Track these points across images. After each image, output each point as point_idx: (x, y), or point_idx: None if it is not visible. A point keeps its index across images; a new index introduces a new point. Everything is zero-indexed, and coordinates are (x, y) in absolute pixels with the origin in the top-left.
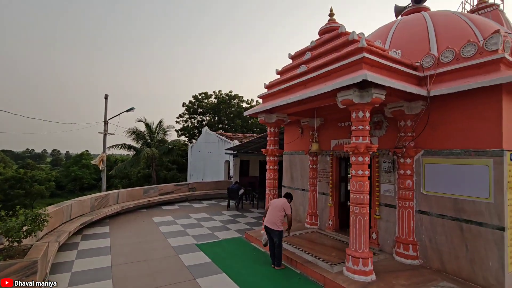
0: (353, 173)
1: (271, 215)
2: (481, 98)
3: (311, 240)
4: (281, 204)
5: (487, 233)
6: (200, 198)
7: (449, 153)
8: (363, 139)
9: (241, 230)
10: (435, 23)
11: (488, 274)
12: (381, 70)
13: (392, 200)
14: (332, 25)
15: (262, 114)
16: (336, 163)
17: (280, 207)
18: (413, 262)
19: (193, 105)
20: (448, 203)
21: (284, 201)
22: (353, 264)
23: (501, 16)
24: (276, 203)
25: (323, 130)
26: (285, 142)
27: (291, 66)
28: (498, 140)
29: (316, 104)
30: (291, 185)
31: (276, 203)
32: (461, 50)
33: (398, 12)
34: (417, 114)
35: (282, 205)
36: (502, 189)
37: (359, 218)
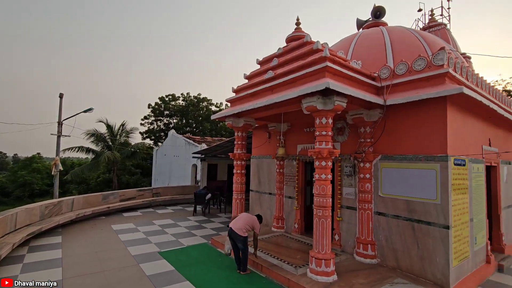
0: (317, 177)
1: (240, 222)
2: (429, 108)
3: (277, 244)
4: (252, 220)
5: (435, 232)
6: (165, 203)
7: (402, 158)
8: (326, 144)
9: (207, 235)
10: (392, 37)
11: (435, 270)
12: (342, 79)
13: (353, 203)
14: (298, 34)
15: (230, 118)
16: (302, 167)
17: (251, 222)
18: (372, 261)
19: (160, 107)
20: (402, 205)
21: (256, 219)
22: (316, 265)
23: (448, 34)
24: (247, 216)
25: (289, 135)
26: (253, 146)
27: (259, 71)
28: (443, 147)
29: (283, 110)
30: (258, 189)
31: (247, 216)
32: (413, 64)
33: (360, 25)
34: (375, 122)
35: (254, 222)
36: (447, 191)
37: (322, 221)
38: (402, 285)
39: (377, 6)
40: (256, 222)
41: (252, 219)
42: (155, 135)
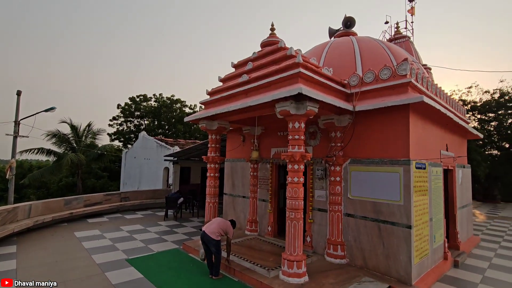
0: (290, 180)
1: (213, 226)
2: (394, 115)
3: (250, 247)
4: (226, 225)
5: (399, 231)
6: (135, 208)
7: (370, 162)
8: (298, 148)
9: (178, 241)
10: (361, 47)
11: (399, 267)
12: (315, 85)
13: (324, 205)
14: (273, 39)
15: (204, 121)
16: (276, 171)
17: (224, 227)
18: (341, 261)
19: (130, 107)
20: (369, 206)
21: (229, 224)
22: (288, 267)
23: (411, 46)
24: (220, 220)
25: (264, 138)
26: (227, 149)
27: (233, 74)
28: (406, 151)
29: (257, 113)
30: (232, 192)
31: (220, 220)
32: (379, 73)
33: (331, 34)
34: (345, 127)
35: (227, 227)
36: (409, 192)
37: (294, 223)
38: (368, 283)
39: (347, 16)
40: (229, 227)
41: (225, 224)
42: (125, 137)
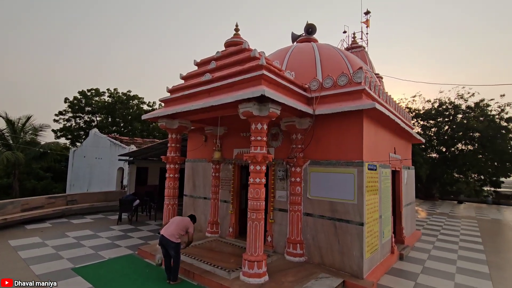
0: (251, 181)
1: (171, 227)
2: (350, 119)
3: (210, 249)
4: (185, 222)
5: (352, 229)
6: (83, 212)
7: (328, 163)
8: (260, 149)
9: (133, 246)
10: (321, 53)
11: (352, 262)
12: (277, 88)
13: (285, 205)
14: (237, 40)
15: (164, 119)
16: (238, 171)
17: (184, 225)
18: (300, 259)
19: (80, 102)
20: (327, 205)
21: (189, 220)
22: (249, 268)
23: (366, 56)
24: (179, 219)
25: (226, 138)
26: (188, 149)
27: (196, 72)
28: (360, 154)
29: (220, 113)
30: (192, 193)
31: (179, 219)
32: (337, 79)
33: (294, 39)
34: (305, 129)
35: (187, 223)
36: (362, 192)
37: (256, 224)
38: (325, 279)
39: (309, 23)
40: (189, 223)
41: (184, 221)
42: (73, 134)
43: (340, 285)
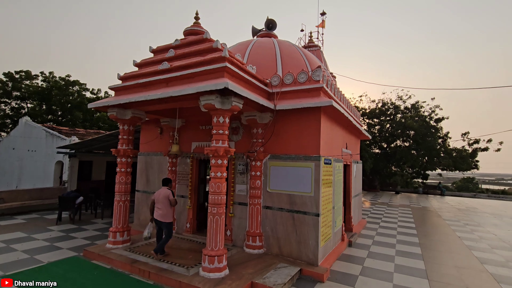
0: (212, 175)
1: (160, 209)
2: (308, 115)
3: (167, 246)
4: (165, 194)
5: (309, 219)
6: (13, 212)
7: (287, 158)
8: (222, 143)
9: (78, 247)
10: (281, 49)
11: (308, 251)
12: (239, 81)
13: (244, 199)
14: (198, 28)
15: (114, 109)
16: (196, 165)
17: (166, 198)
18: (259, 251)
19: (5, 85)
20: (286, 198)
21: (165, 189)
22: (209, 263)
23: (321, 55)
24: (160, 195)
25: (184, 131)
26: (142, 142)
27: (152, 60)
28: (317, 149)
29: (179, 105)
30: (146, 189)
31: (160, 195)
32: (297, 76)
33: (255, 33)
34: (266, 124)
35: (167, 195)
36: (319, 185)
37: (216, 218)
38: (283, 269)
39: (269, 18)
40: (169, 194)
41: (166, 196)
42: None
43: (297, 273)
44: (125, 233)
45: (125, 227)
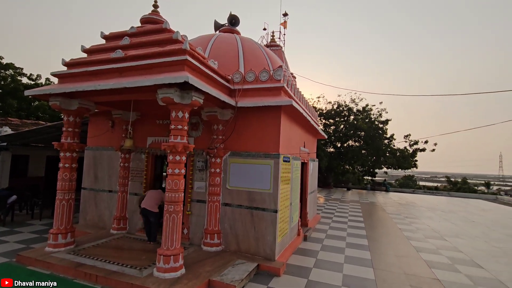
0: (170, 172)
1: (149, 201)
2: (269, 114)
3: (117, 248)
4: (160, 195)
5: (267, 216)
6: None
7: (247, 155)
8: (181, 138)
9: (10, 252)
10: (244, 46)
11: (266, 247)
12: (200, 76)
13: (203, 196)
14: (156, 17)
15: (58, 98)
16: (152, 162)
17: (159, 197)
18: (217, 249)
19: None
20: (245, 195)
21: (160, 192)
22: (164, 263)
23: (283, 55)
24: (154, 193)
25: (139, 125)
26: (90, 135)
27: (103, 47)
28: (277, 146)
29: (134, 97)
30: (94, 186)
31: (154, 193)
32: (259, 74)
33: (217, 28)
34: (227, 120)
35: (161, 195)
36: (277, 182)
37: (173, 216)
38: (241, 265)
39: (232, 14)
40: (162, 194)
41: (159, 194)
42: None
43: (255, 268)
44: (68, 235)
45: (68, 228)
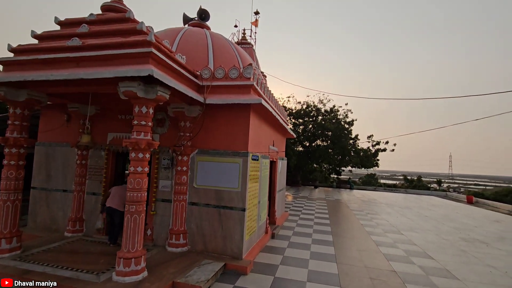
0: (132, 170)
1: (116, 198)
2: (238, 112)
3: (72, 252)
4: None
5: (235, 214)
6: None
7: (216, 153)
8: (145, 135)
9: None
10: (214, 42)
11: (233, 245)
12: (167, 70)
13: (168, 195)
14: (119, 5)
15: (1, 87)
16: (113, 159)
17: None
18: (183, 249)
19: None
20: (213, 194)
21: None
22: (124, 266)
23: (254, 53)
24: (121, 190)
25: (99, 120)
26: (41, 130)
27: (58, 33)
28: (246, 145)
29: (92, 89)
30: (46, 185)
31: (121, 190)
32: (229, 71)
33: (186, 21)
34: (195, 117)
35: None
36: (246, 180)
37: (135, 217)
38: (208, 265)
39: (202, 8)
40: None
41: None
42: None
43: (222, 268)
44: (13, 239)
45: (14, 232)
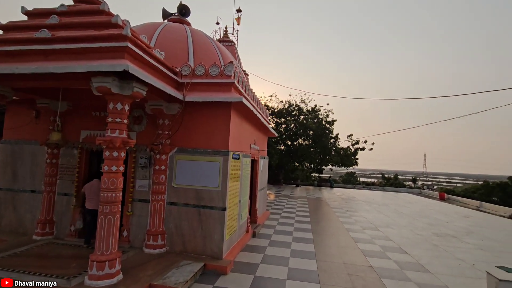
0: (106, 169)
1: (95, 199)
2: (219, 110)
3: (41, 255)
4: (98, 186)
5: (215, 214)
6: None
7: (195, 152)
8: (120, 133)
9: None
10: (194, 39)
11: (213, 245)
12: (144, 66)
13: (146, 195)
14: None
15: None
16: (86, 158)
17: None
18: (161, 251)
19: None
20: (192, 194)
21: (98, 181)
22: (97, 270)
23: (235, 51)
24: (93, 187)
25: (70, 117)
26: (7, 127)
27: (25, 24)
28: (226, 143)
29: (63, 84)
30: (12, 186)
31: (93, 187)
32: (209, 69)
33: (165, 16)
34: (174, 115)
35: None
36: (226, 179)
37: (109, 218)
38: (186, 266)
39: (183, 4)
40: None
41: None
42: None
43: (201, 268)
44: None
45: None
